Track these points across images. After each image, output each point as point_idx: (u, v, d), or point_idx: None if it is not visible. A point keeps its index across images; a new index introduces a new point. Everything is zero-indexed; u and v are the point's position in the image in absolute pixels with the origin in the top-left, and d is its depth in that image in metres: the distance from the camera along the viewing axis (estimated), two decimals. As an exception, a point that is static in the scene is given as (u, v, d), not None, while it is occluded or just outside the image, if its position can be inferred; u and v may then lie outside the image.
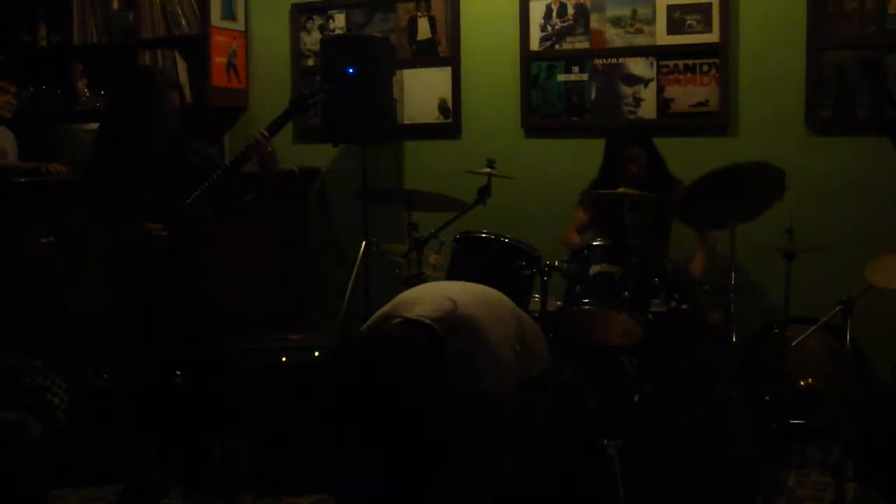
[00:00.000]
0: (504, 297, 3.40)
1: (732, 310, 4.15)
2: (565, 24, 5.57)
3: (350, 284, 5.44)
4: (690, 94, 5.32)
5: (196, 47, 6.09)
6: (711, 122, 5.28)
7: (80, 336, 4.64)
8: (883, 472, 4.02)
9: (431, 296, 3.16)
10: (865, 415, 4.31)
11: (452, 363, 2.94)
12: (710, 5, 5.22)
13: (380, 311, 3.22)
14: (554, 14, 5.58)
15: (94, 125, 5.56)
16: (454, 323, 3.01)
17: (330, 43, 5.77)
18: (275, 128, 3.97)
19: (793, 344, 4.36)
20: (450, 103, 5.85)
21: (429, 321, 2.97)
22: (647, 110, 5.40)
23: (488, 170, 4.55)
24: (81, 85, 6.43)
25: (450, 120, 5.87)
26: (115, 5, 6.28)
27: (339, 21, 6.13)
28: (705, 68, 5.28)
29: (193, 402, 4.09)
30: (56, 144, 5.77)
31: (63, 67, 6.48)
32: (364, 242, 5.46)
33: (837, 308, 4.02)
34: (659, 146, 4.97)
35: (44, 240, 4.83)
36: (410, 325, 3.00)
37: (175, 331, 3.95)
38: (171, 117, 3.94)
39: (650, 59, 5.40)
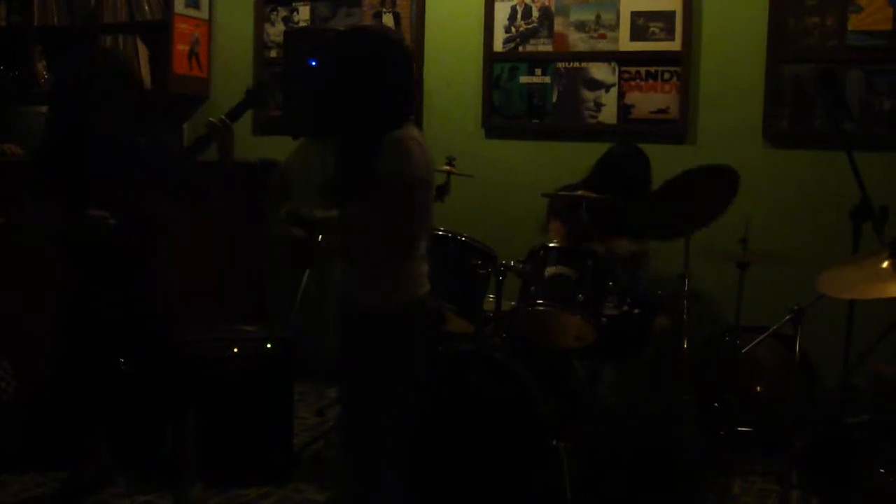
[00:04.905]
0: None
1: (685, 316, 4.18)
2: (529, 26, 5.59)
3: (305, 276, 5.42)
4: (651, 100, 5.35)
5: (158, 34, 6.04)
6: (670, 130, 5.32)
7: (29, 321, 4.57)
8: (827, 480, 4.07)
9: None
10: (811, 423, 4.36)
11: None
12: (673, 14, 5.26)
13: None
14: (518, 16, 5.60)
15: (52, 107, 5.52)
16: None
17: (292, 35, 5.74)
18: (232, 117, 3.94)
19: (743, 352, 4.41)
20: (412, 100, 5.84)
21: None
22: (608, 115, 5.43)
23: (448, 167, 4.55)
24: (40, 67, 6.35)
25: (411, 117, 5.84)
26: (77, -13, 6.23)
27: (303, 14, 6.12)
28: (666, 76, 5.31)
29: (140, 390, 4.05)
30: (12, 126, 5.69)
31: (22, 48, 6.39)
32: (320, 235, 5.43)
33: (787, 317, 4.06)
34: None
35: (-5, 221, 4.75)
36: None
37: (126, 319, 3.91)
38: (128, 98, 3.88)
39: (612, 64, 5.43)
